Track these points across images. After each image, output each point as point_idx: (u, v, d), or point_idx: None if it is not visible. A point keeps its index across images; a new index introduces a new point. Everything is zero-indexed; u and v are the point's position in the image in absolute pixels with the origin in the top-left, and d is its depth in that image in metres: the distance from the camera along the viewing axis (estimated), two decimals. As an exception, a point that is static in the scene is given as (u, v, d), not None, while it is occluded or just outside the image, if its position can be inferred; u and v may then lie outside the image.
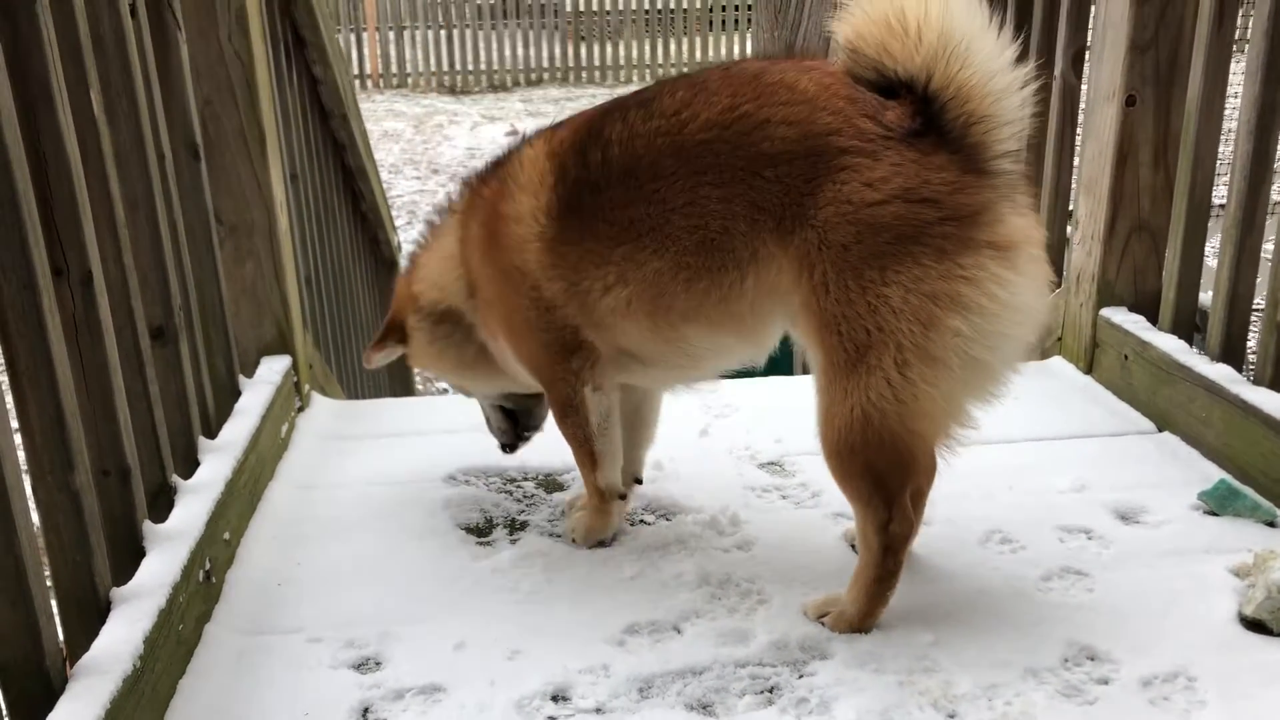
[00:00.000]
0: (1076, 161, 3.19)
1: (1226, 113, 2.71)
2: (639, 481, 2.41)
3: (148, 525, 1.91)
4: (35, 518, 1.55)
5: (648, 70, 17.27)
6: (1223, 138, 2.78)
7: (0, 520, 1.42)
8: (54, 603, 1.62)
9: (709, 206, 1.86)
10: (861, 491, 1.85)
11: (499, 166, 2.17)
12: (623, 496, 2.27)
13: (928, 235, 1.72)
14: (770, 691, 1.78)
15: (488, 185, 2.17)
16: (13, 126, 1.52)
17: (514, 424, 2.47)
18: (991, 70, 1.74)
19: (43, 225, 1.61)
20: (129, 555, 1.85)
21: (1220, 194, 2.81)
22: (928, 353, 1.74)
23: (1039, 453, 2.60)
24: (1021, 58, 1.78)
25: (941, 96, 1.74)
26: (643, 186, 1.90)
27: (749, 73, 1.88)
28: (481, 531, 2.33)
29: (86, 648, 1.63)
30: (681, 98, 1.90)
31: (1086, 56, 3.09)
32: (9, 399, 1.58)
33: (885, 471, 1.83)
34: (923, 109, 1.76)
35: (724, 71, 1.91)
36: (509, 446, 2.50)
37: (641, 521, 2.35)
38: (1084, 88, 3.09)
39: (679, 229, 1.89)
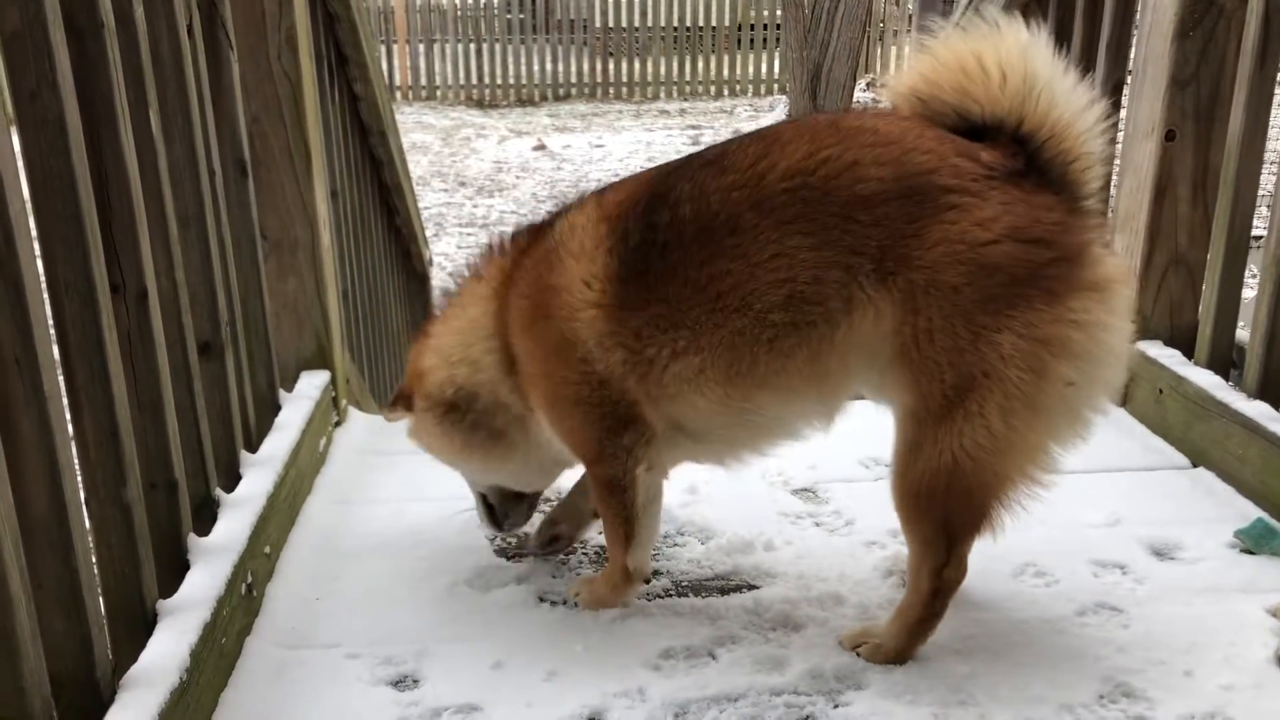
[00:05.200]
0: (1112, 194, 3.20)
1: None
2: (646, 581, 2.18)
3: (192, 538, 1.95)
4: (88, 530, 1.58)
5: (675, 87, 17.32)
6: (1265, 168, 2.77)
7: (59, 534, 1.45)
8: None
9: (798, 257, 1.77)
10: (927, 535, 1.84)
11: (541, 234, 2.05)
12: (647, 580, 2.14)
13: (1040, 277, 1.70)
14: (806, 720, 1.79)
15: (529, 254, 2.04)
16: (79, 147, 1.56)
17: (493, 518, 2.32)
18: (1078, 109, 1.76)
19: (102, 242, 1.64)
20: (174, 568, 1.88)
21: (1260, 226, 2.81)
22: (1035, 402, 1.71)
23: (1072, 485, 2.57)
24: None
25: (1037, 136, 1.75)
26: (721, 243, 1.81)
27: (822, 121, 1.84)
28: (517, 550, 2.35)
29: (133, 659, 1.65)
30: (754, 151, 1.83)
31: (1125, 90, 3.10)
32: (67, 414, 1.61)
33: (959, 519, 1.81)
34: (1020, 149, 1.76)
35: (793, 124, 1.86)
36: (493, 536, 2.38)
37: (675, 545, 2.36)
38: (1122, 120, 3.10)
39: (764, 284, 1.79)
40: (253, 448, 2.38)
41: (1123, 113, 3.08)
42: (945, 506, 1.80)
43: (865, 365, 1.84)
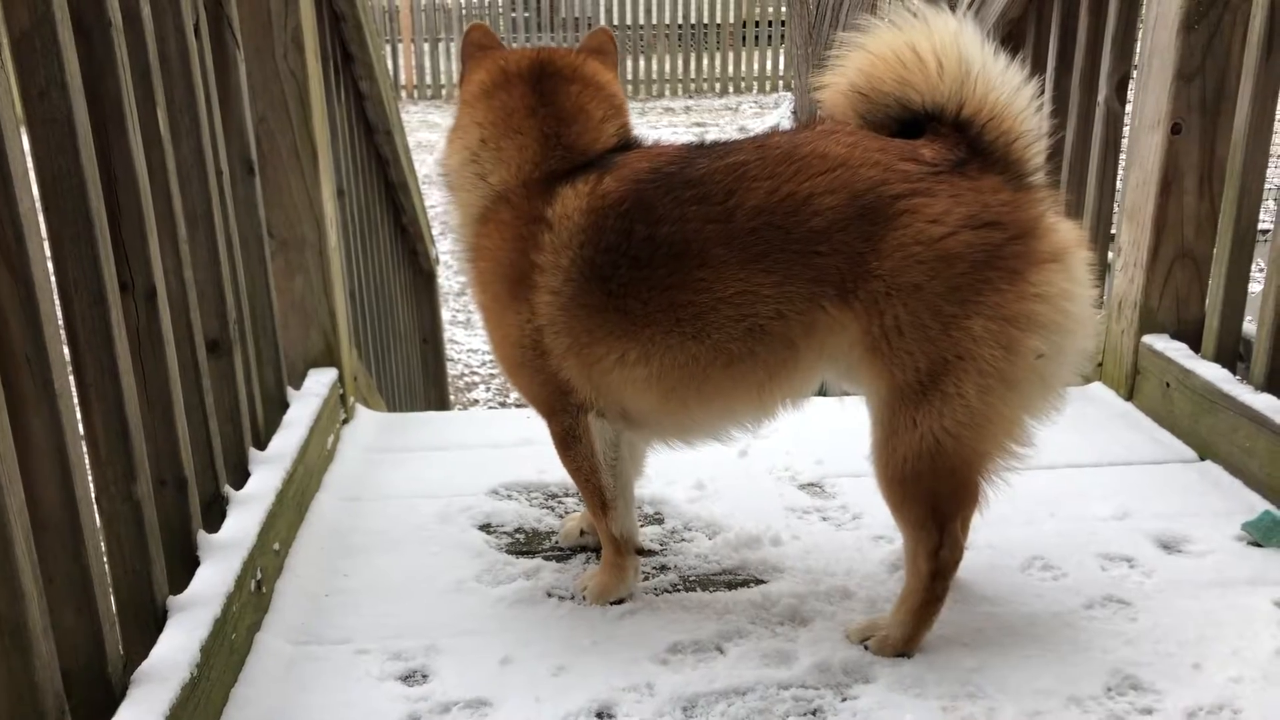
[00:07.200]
0: (1118, 187, 3.19)
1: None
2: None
3: (202, 535, 1.95)
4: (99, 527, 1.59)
5: (679, 85, 17.31)
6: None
7: (70, 530, 1.46)
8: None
9: (761, 293, 1.81)
10: (918, 517, 1.86)
11: (571, 180, 1.93)
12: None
13: (999, 258, 1.74)
14: (813, 714, 1.79)
15: (551, 188, 1.93)
16: (88, 146, 1.56)
17: None
18: (1013, 88, 1.81)
19: (111, 241, 1.65)
20: (184, 564, 1.89)
21: (1266, 219, 2.80)
22: (1009, 376, 1.75)
23: (1080, 479, 2.60)
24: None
25: (978, 120, 1.79)
26: (689, 273, 1.82)
27: (782, 150, 1.84)
28: (525, 546, 2.36)
29: (144, 655, 1.66)
30: (726, 184, 1.82)
31: (1131, 83, 3.10)
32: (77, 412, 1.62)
33: (946, 498, 1.84)
34: (960, 138, 1.80)
35: (758, 150, 1.85)
36: None
37: (683, 540, 2.37)
38: (1127, 114, 3.09)
39: (725, 318, 1.83)
40: (261, 445, 2.39)
41: (1129, 106, 3.08)
42: (932, 487, 1.82)
43: (829, 372, 1.90)
